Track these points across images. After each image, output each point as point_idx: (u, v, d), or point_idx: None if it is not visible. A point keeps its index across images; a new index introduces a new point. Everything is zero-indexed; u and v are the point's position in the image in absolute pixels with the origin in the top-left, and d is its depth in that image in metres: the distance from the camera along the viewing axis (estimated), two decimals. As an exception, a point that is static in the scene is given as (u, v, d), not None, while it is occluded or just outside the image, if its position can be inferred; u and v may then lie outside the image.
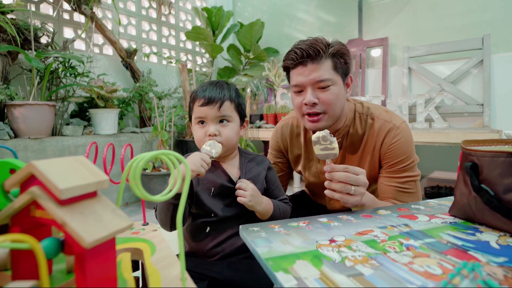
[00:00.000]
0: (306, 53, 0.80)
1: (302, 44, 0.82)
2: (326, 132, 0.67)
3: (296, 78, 0.83)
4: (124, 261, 0.41)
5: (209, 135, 0.75)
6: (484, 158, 0.55)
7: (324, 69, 0.81)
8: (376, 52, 2.58)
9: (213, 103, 0.75)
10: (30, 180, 0.32)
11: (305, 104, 0.82)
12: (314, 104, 0.82)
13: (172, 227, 0.73)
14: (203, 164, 0.67)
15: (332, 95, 0.81)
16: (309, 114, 0.84)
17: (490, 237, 0.52)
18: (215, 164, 0.81)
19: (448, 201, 0.74)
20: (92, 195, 0.33)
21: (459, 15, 2.17)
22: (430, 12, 2.30)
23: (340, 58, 0.83)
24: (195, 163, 0.67)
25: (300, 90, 0.84)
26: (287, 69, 0.88)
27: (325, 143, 0.67)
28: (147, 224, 0.62)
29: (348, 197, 0.68)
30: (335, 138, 0.67)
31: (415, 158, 0.89)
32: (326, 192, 0.69)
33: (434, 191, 2.10)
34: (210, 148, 0.72)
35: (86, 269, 0.29)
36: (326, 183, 0.69)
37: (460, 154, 0.62)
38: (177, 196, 0.69)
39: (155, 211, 0.77)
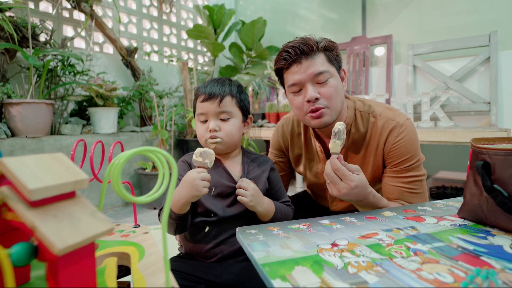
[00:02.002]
0: (300, 50, 0.78)
1: (292, 43, 0.80)
2: (342, 127, 0.67)
3: (293, 77, 0.81)
4: (109, 267, 0.38)
5: (210, 130, 0.74)
6: (497, 157, 0.51)
7: (320, 63, 0.79)
8: (380, 50, 2.54)
9: (213, 99, 0.74)
10: (1, 180, 0.29)
11: (307, 102, 0.80)
12: (316, 100, 0.79)
13: (176, 234, 0.74)
14: (204, 183, 0.65)
15: (332, 88, 0.80)
16: (312, 111, 0.81)
17: (504, 241, 0.48)
18: (217, 163, 0.79)
19: (456, 202, 0.71)
20: (69, 195, 0.30)
21: (465, 12, 2.13)
22: (435, 9, 2.25)
23: (332, 51, 0.82)
24: (197, 187, 0.64)
25: (298, 89, 0.82)
26: (279, 72, 0.86)
27: (334, 138, 0.68)
28: (139, 226, 0.59)
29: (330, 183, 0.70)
30: (340, 141, 0.67)
31: (421, 156, 0.85)
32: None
33: (440, 192, 2.06)
34: (203, 159, 0.66)
35: (59, 278, 0.26)
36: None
37: (470, 152, 0.59)
38: (177, 217, 0.69)
39: (158, 215, 0.77)
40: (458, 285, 0.36)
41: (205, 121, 0.77)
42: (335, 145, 0.67)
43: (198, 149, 0.67)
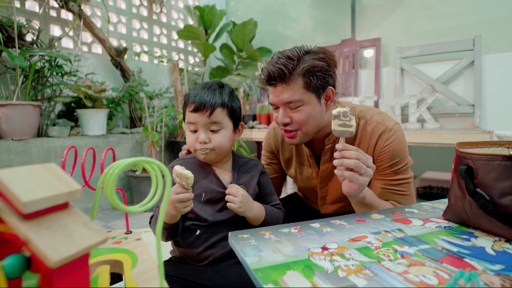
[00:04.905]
0: (277, 74, 0.77)
1: (272, 62, 0.79)
2: (347, 108, 0.66)
3: (270, 96, 0.84)
4: (102, 275, 0.38)
5: (200, 142, 0.74)
6: (479, 162, 0.54)
7: (294, 90, 0.78)
8: (368, 53, 2.58)
9: (204, 110, 0.73)
10: (-7, 191, 0.29)
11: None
12: (287, 124, 0.83)
13: (167, 240, 0.75)
14: (183, 205, 0.65)
15: (303, 115, 0.80)
16: (285, 131, 0.85)
17: (486, 242, 0.50)
18: (207, 169, 0.79)
19: (442, 204, 0.73)
20: (62, 206, 0.30)
21: (451, 16, 2.18)
22: (422, 13, 2.31)
23: (313, 75, 0.77)
24: (176, 209, 0.64)
25: (275, 107, 0.85)
26: None
27: (344, 119, 0.66)
28: (130, 232, 0.59)
29: (359, 176, 0.67)
30: (354, 117, 0.67)
31: (409, 160, 0.88)
32: (336, 171, 0.69)
33: (426, 191, 2.11)
34: (180, 180, 0.63)
35: (53, 290, 0.26)
36: (337, 162, 0.67)
37: (455, 156, 0.61)
38: (167, 227, 0.69)
39: (150, 223, 0.77)
40: (443, 287, 0.37)
41: (195, 131, 0.76)
42: (334, 123, 0.67)
43: (176, 168, 0.63)
